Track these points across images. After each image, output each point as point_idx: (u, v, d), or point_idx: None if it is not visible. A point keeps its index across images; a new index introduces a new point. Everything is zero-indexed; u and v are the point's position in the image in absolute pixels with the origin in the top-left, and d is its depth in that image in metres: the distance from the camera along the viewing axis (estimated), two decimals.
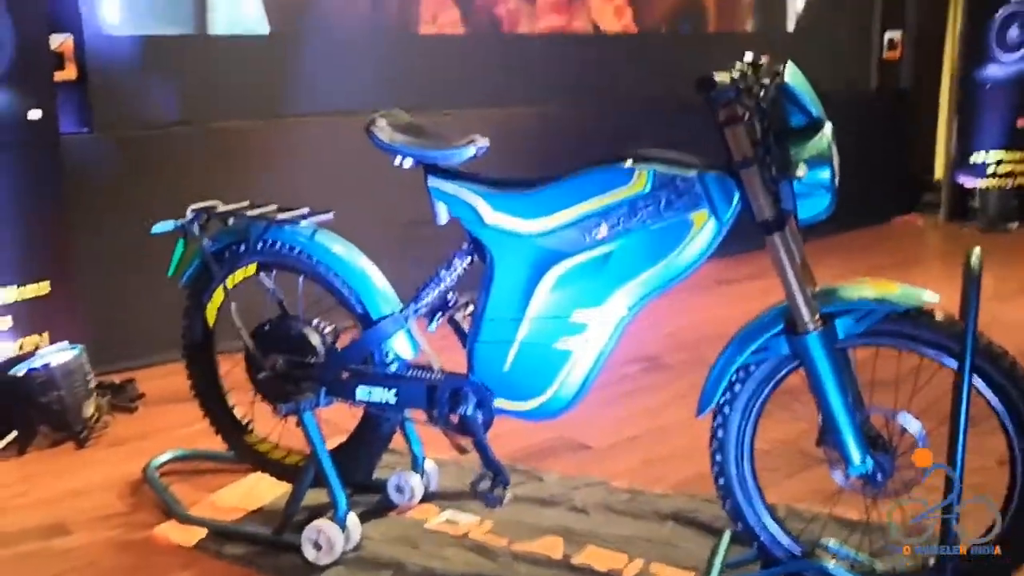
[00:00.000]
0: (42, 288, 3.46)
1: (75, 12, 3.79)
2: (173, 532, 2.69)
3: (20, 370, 3.26)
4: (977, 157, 6.61)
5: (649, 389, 3.74)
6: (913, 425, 2.19)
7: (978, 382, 2.11)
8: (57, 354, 3.32)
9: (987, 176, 6.61)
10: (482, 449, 2.48)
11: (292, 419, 2.58)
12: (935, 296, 2.13)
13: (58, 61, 3.75)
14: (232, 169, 4.10)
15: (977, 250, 2.10)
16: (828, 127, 2.12)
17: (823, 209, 2.13)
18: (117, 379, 3.77)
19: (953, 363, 2.11)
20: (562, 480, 2.98)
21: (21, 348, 3.40)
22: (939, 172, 7.11)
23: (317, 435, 2.57)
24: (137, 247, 3.22)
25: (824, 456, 2.25)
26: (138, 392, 3.72)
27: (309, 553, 2.50)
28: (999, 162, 6.58)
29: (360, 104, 3.90)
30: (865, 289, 2.17)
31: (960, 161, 6.68)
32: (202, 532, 2.67)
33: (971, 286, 2.07)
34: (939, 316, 2.13)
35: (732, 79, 2.00)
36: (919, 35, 7.03)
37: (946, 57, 7.00)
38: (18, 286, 3.40)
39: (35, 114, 3.39)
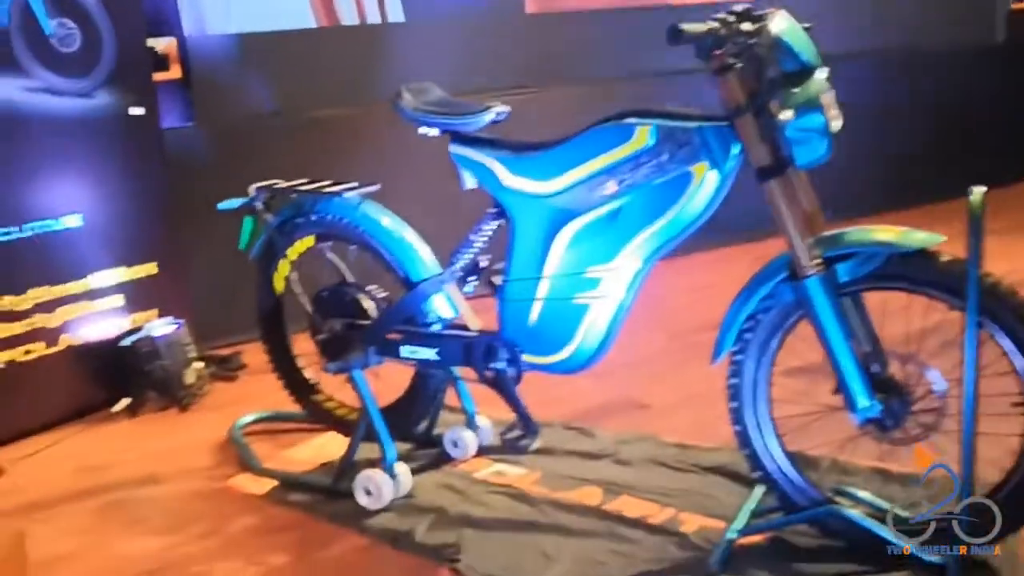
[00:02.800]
0: (150, 269, 3.81)
1: (175, 17, 4.14)
2: (247, 483, 2.95)
3: (128, 342, 3.62)
4: None
5: None
6: (931, 372, 2.17)
7: (991, 326, 2.07)
8: (160, 328, 3.66)
9: None
10: (513, 402, 2.61)
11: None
12: (941, 238, 2.11)
13: (163, 63, 4.11)
14: (323, 153, 4.35)
15: (979, 189, 2.06)
16: (821, 72, 2.13)
17: (821, 155, 2.13)
18: (226, 352, 4.11)
19: (962, 305, 2.08)
20: (613, 435, 3.07)
21: (133, 323, 3.76)
22: None
23: (366, 391, 2.76)
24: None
25: (843, 403, 2.26)
26: (241, 363, 4.04)
27: (361, 499, 2.70)
28: None
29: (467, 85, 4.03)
30: (870, 233, 2.16)
31: None
32: (272, 483, 2.92)
33: (975, 226, 2.04)
34: (944, 258, 2.11)
35: (710, 28, 2.04)
36: None
37: None
38: (128, 267, 3.75)
39: (137, 110, 3.74)
